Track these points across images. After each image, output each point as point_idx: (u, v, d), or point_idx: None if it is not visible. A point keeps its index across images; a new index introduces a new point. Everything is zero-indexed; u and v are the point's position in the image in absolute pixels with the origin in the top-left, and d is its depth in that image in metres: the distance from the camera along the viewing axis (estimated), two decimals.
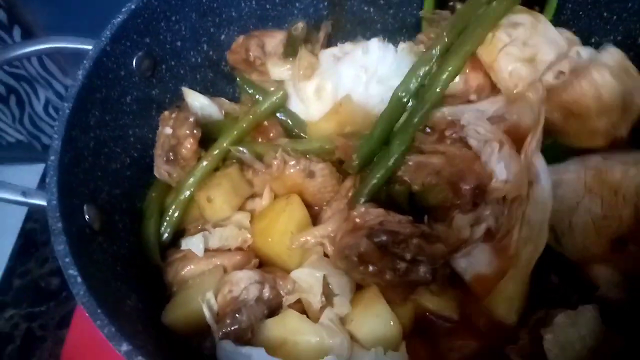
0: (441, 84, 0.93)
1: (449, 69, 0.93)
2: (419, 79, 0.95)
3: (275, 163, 0.95)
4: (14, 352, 1.26)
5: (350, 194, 0.94)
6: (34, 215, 1.46)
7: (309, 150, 0.99)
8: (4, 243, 1.47)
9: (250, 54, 1.15)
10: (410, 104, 0.96)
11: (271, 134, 1.08)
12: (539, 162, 0.86)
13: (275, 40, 1.16)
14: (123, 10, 0.94)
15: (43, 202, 0.79)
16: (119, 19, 0.93)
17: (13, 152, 2.42)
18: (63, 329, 1.24)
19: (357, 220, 0.84)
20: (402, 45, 1.09)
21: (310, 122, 1.08)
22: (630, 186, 0.86)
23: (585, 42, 1.03)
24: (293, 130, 1.09)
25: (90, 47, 0.92)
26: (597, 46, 1.01)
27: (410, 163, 0.92)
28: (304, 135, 1.08)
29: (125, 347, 0.64)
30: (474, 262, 0.86)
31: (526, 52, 0.93)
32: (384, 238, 0.81)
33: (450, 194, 0.88)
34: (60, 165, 0.80)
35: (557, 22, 1.04)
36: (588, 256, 0.87)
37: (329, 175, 0.96)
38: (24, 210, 1.48)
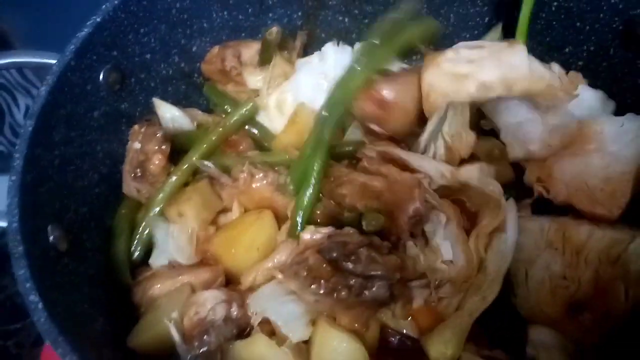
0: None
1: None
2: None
3: (242, 176, 0.93)
4: None
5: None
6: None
7: (277, 163, 0.98)
8: None
9: (226, 64, 1.13)
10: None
11: (241, 147, 1.07)
12: (510, 212, 0.83)
13: (251, 50, 1.15)
14: (88, 23, 0.92)
15: (3, 224, 0.76)
16: (83, 33, 0.91)
17: None
18: (39, 346, 1.20)
19: (307, 240, 0.82)
20: (358, 45, 1.08)
21: (274, 136, 1.07)
22: (593, 249, 0.81)
23: (560, 51, 1.04)
24: (263, 143, 1.08)
25: (54, 62, 0.90)
26: (570, 55, 1.02)
27: (358, 183, 0.89)
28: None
29: None
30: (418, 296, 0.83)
31: (462, 69, 0.87)
32: (334, 252, 0.78)
33: (387, 222, 0.84)
34: (22, 185, 0.77)
35: (531, 32, 1.05)
36: (539, 316, 0.83)
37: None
38: None
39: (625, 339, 0.77)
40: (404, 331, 0.83)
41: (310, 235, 0.82)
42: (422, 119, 0.94)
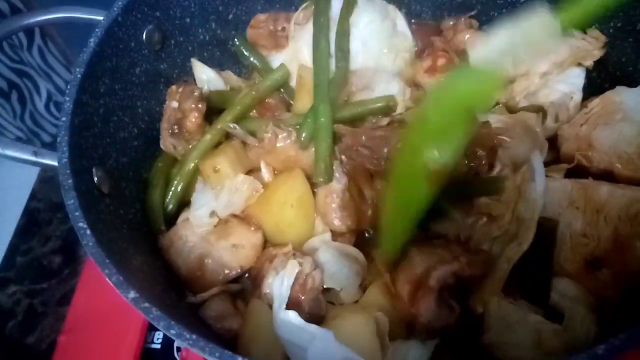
0: None
1: None
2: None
3: (266, 137, 0.97)
4: (15, 327, 1.27)
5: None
6: (37, 195, 1.48)
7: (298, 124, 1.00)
8: (8, 221, 1.48)
9: (278, 23, 1.17)
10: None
11: (276, 113, 1.10)
12: (537, 162, 0.87)
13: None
14: None
15: (54, 162, 0.81)
16: None
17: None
18: (64, 306, 1.25)
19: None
20: None
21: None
22: (613, 207, 0.83)
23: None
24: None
25: (101, 18, 0.94)
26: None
27: None
28: None
29: (132, 294, 0.66)
30: None
31: None
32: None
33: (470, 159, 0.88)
34: (71, 126, 0.81)
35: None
36: (560, 272, 0.85)
37: None
38: (28, 189, 1.49)
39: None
40: None
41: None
42: None
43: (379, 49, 1.11)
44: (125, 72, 0.98)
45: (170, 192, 1.01)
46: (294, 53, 1.14)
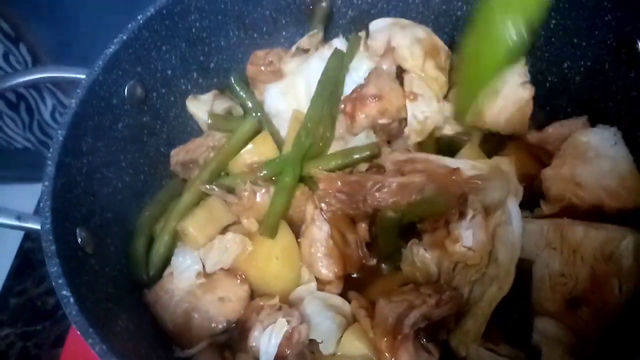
0: None
1: None
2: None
3: (245, 194, 0.99)
4: None
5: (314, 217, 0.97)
6: (32, 235, 1.48)
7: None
8: (2, 262, 1.49)
9: (271, 58, 1.20)
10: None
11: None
12: (513, 206, 0.89)
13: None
14: (115, 40, 0.98)
15: (37, 226, 0.82)
16: (111, 50, 0.97)
17: (15, 172, 2.44)
18: (57, 347, 1.25)
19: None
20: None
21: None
22: (589, 247, 0.86)
23: (559, 66, 1.09)
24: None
25: (83, 77, 0.96)
26: (569, 70, 1.07)
27: (394, 185, 0.94)
28: None
29: None
30: None
31: None
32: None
33: (441, 205, 0.90)
34: (53, 190, 0.83)
35: (530, 48, 1.10)
36: (541, 312, 0.87)
37: (300, 196, 1.00)
38: (22, 230, 1.50)
39: (622, 333, 0.81)
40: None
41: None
42: None
43: None
44: (108, 128, 1.00)
45: (155, 249, 1.02)
46: (290, 85, 1.15)
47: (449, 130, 1.13)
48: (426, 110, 1.08)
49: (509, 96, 1.05)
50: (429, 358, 0.82)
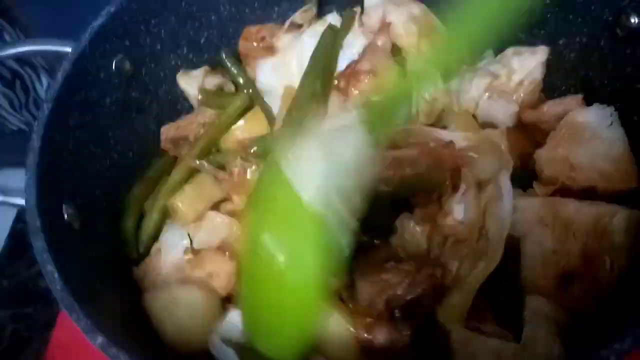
0: None
1: None
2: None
3: (235, 170, 0.98)
4: (0, 352, 1.27)
5: None
6: (23, 217, 1.46)
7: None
8: None
9: (271, 35, 1.18)
10: None
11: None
12: (505, 181, 0.88)
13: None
14: (102, 13, 0.96)
15: (22, 202, 0.80)
16: (98, 22, 0.95)
17: (10, 155, 2.42)
18: (49, 330, 1.24)
19: None
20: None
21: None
22: (581, 223, 0.85)
23: (555, 43, 1.07)
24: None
25: (69, 50, 0.94)
26: (564, 47, 1.06)
27: (387, 159, 0.92)
28: None
29: (100, 340, 0.66)
30: None
31: None
32: None
33: (434, 179, 0.90)
34: (39, 164, 0.81)
35: (526, 25, 1.08)
36: (533, 289, 0.86)
37: None
38: (13, 211, 1.49)
39: (613, 312, 0.81)
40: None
41: None
42: None
43: None
44: (96, 103, 0.98)
45: (145, 226, 1.02)
46: (282, 61, 1.14)
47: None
48: (433, 92, 1.06)
49: None
50: (402, 335, 0.83)
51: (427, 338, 0.85)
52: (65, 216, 0.85)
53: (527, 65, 1.06)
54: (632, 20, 0.90)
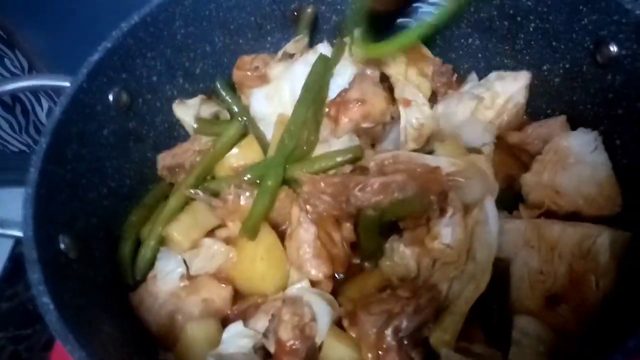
0: None
1: None
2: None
3: (229, 198, 1.00)
4: None
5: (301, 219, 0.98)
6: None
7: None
8: None
9: (257, 63, 1.21)
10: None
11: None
12: (490, 205, 0.90)
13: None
14: (99, 48, 0.99)
15: (20, 234, 0.83)
16: (95, 57, 0.98)
17: (10, 175, 2.45)
18: (47, 351, 1.25)
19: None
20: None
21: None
22: (566, 245, 0.87)
23: (539, 69, 1.10)
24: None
25: (68, 84, 0.97)
26: (549, 72, 1.08)
27: (376, 185, 0.95)
28: None
29: None
30: None
31: None
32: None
33: (422, 204, 0.92)
34: (36, 197, 0.83)
35: (511, 51, 1.12)
36: (521, 310, 0.88)
37: (284, 198, 1.01)
38: None
39: (601, 330, 0.82)
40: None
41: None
42: None
43: None
44: (93, 135, 1.01)
45: (142, 254, 1.03)
46: (275, 90, 1.16)
47: None
48: (420, 117, 1.09)
49: None
50: None
51: None
52: (62, 246, 0.87)
53: (510, 89, 1.09)
54: (612, 49, 0.93)
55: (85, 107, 0.98)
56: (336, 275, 1.00)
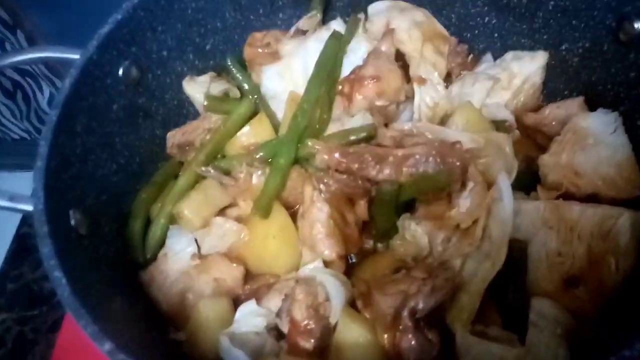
0: None
1: None
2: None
3: (241, 176, 0.98)
4: (6, 355, 1.29)
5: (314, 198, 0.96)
6: (28, 220, 1.48)
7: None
8: None
9: (270, 38, 1.19)
10: None
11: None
12: (504, 182, 0.88)
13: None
14: (109, 20, 0.97)
15: (30, 208, 0.81)
16: (105, 29, 0.96)
17: (12, 160, 2.44)
18: (54, 332, 1.26)
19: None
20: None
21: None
22: (586, 226, 0.85)
23: (557, 48, 1.08)
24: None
25: (77, 56, 0.95)
26: (567, 52, 1.06)
27: (397, 156, 0.93)
28: None
29: (107, 346, 0.66)
30: None
31: None
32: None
33: (448, 178, 0.89)
34: (46, 170, 0.82)
35: (528, 30, 1.09)
36: (539, 292, 0.87)
37: (296, 177, 0.99)
38: (18, 215, 1.50)
39: (619, 313, 0.81)
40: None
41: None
42: None
43: None
44: (103, 109, 0.99)
45: (152, 231, 1.02)
46: (287, 67, 1.14)
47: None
48: (435, 96, 1.07)
49: None
50: (430, 346, 0.82)
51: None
52: (72, 222, 0.85)
53: (526, 69, 1.07)
54: (636, 26, 0.91)
55: (95, 80, 0.96)
56: (348, 259, 0.99)
